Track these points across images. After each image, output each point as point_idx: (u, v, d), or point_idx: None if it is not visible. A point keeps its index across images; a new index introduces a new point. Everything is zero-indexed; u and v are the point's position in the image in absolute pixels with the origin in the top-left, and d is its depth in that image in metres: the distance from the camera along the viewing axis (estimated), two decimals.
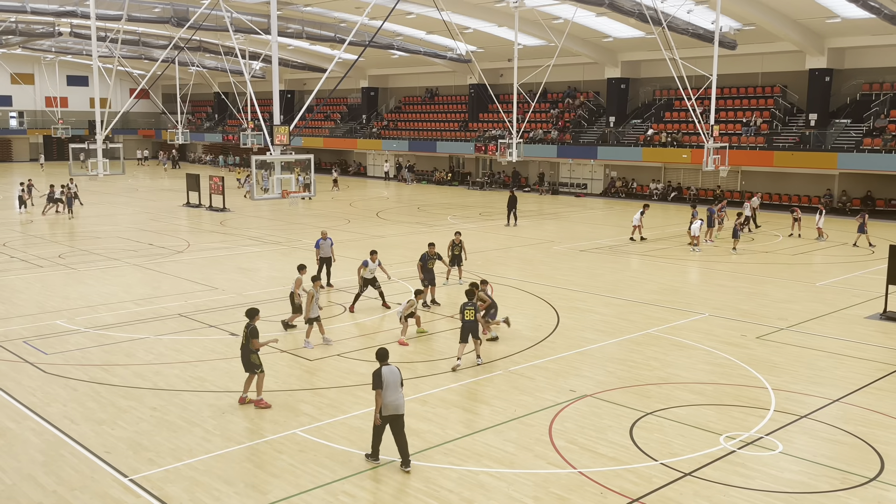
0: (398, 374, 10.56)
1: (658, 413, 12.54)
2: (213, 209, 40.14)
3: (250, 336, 12.50)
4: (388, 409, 10.33)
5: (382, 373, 10.39)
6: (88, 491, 9.81)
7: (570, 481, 10.17)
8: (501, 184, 55.56)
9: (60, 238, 30.55)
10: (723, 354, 15.78)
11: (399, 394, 10.44)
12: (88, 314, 18.63)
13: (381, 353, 10.76)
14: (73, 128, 70.60)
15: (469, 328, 14.57)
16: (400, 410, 10.39)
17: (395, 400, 10.37)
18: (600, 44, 48.56)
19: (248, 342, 12.53)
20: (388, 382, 10.35)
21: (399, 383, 10.48)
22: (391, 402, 10.34)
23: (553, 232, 33.58)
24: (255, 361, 12.61)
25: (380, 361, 10.65)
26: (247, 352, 12.57)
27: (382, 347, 10.87)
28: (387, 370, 10.46)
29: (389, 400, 10.32)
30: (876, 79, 42.45)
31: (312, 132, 67.80)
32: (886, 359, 15.66)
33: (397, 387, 10.44)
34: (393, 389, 10.37)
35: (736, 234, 28.53)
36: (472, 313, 14.57)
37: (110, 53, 51.98)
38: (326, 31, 48.15)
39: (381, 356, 10.72)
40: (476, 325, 14.70)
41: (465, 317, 14.59)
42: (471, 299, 14.96)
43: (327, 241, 21.40)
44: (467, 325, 14.56)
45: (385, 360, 10.65)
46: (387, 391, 10.31)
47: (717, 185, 45.97)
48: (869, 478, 10.36)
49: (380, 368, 10.47)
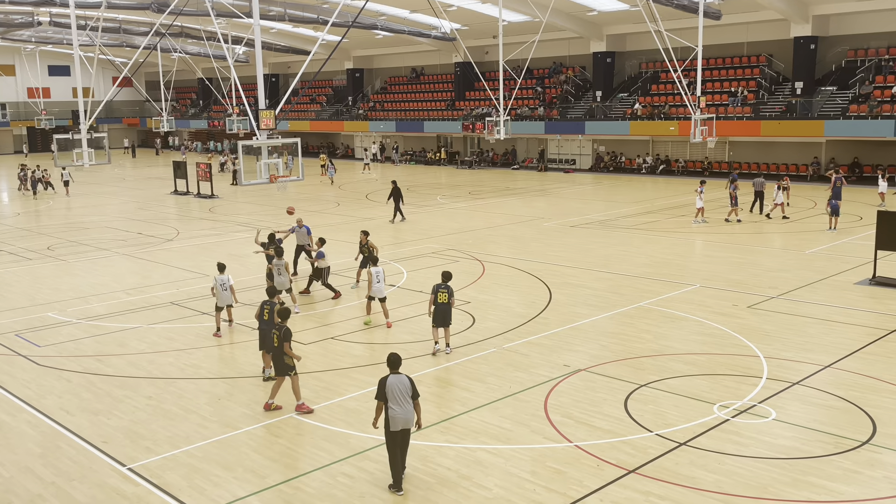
0: (407, 385, 9.34)
1: (652, 385, 12.63)
2: (201, 196, 39.97)
3: (283, 339, 11.65)
4: (396, 424, 9.25)
5: (388, 383, 9.30)
6: (87, 481, 9.83)
7: (567, 455, 10.25)
8: (490, 162, 55.52)
9: (49, 230, 30.37)
10: (715, 325, 15.88)
11: (407, 406, 9.29)
12: (80, 305, 18.57)
13: (391, 360, 9.53)
14: (57, 118, 70.01)
15: (442, 311, 14.11)
16: (409, 424, 9.37)
17: (403, 414, 9.26)
18: (585, 18, 48.34)
19: (280, 344, 11.72)
20: (392, 394, 9.25)
21: (407, 395, 9.30)
22: (399, 417, 9.24)
23: (543, 208, 33.59)
24: (289, 363, 11.77)
25: (390, 369, 9.50)
26: (279, 353, 11.74)
27: (394, 353, 9.62)
28: (393, 380, 9.33)
29: (397, 413, 9.24)
30: (861, 45, 42.45)
31: (298, 116, 67.41)
32: (876, 323, 15.79)
33: (405, 398, 9.28)
34: (399, 401, 9.25)
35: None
36: (444, 296, 14.07)
37: (91, 42, 51.40)
38: (309, 12, 47.76)
39: (391, 363, 9.52)
40: (449, 308, 14.17)
41: (437, 299, 14.10)
42: (445, 281, 14.29)
43: (303, 228, 20.47)
44: (440, 308, 14.09)
45: (395, 369, 9.48)
46: (392, 403, 9.24)
47: (704, 156, 46.06)
48: (861, 441, 10.48)
49: (386, 377, 9.38)
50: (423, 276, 20.61)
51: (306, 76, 57.18)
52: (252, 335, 15.89)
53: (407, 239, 26.38)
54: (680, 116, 44.71)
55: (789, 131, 41.26)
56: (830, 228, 26.07)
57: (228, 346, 15.30)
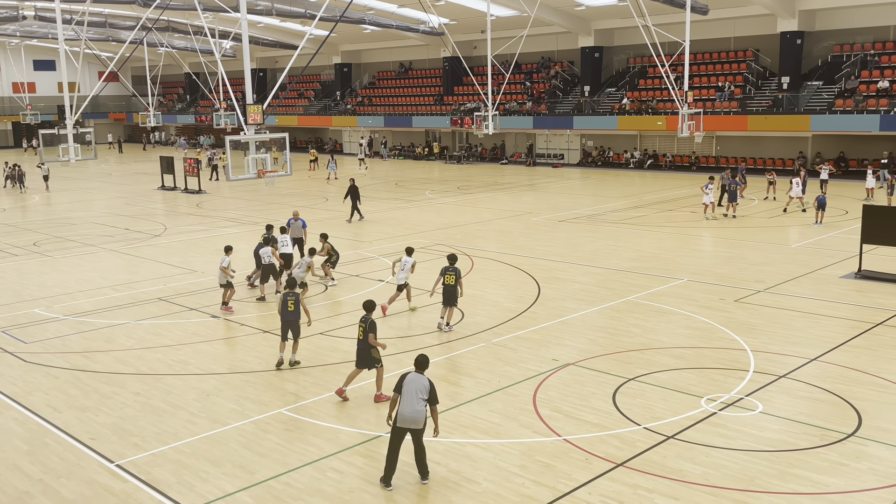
0: (426, 387, 9.41)
1: (640, 378, 12.69)
2: (188, 191, 39.79)
3: (369, 330, 11.78)
4: (404, 421, 9.35)
5: (406, 379, 9.47)
6: (75, 478, 9.80)
7: (556, 449, 10.29)
8: (479, 157, 55.51)
9: (34, 226, 30.17)
10: (702, 318, 15.96)
11: (418, 406, 9.30)
12: (66, 301, 18.47)
13: (418, 361, 9.76)
14: (43, 113, 69.48)
15: (448, 292, 15.18)
16: (417, 425, 9.34)
17: (412, 413, 9.30)
18: (573, 13, 48.37)
19: (365, 336, 11.81)
20: (406, 389, 9.36)
21: (419, 395, 9.33)
22: (407, 414, 9.31)
23: (531, 203, 33.64)
24: (376, 356, 11.90)
25: (415, 367, 9.73)
26: (366, 346, 11.83)
27: (422, 354, 9.86)
28: (412, 377, 9.48)
29: (404, 410, 9.33)
30: (846, 40, 42.68)
31: (286, 111, 67.18)
32: (861, 317, 15.92)
33: (416, 397, 9.31)
34: (410, 400, 9.31)
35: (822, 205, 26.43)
36: (452, 278, 15.16)
37: (77, 36, 51.05)
38: (297, 6, 47.53)
39: (417, 363, 9.75)
40: (455, 290, 15.21)
41: (445, 280, 15.18)
42: (452, 264, 15.45)
43: (298, 221, 21.09)
44: (447, 289, 15.17)
45: (419, 369, 9.67)
46: (403, 399, 9.37)
47: (691, 151, 46.22)
48: (847, 434, 10.57)
49: (408, 373, 9.60)
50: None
51: (294, 71, 56.92)
52: (239, 331, 15.88)
53: (395, 234, 26.36)
54: (667, 111, 44.83)
55: (776, 126, 41.46)
56: (816, 223, 26.23)
57: (217, 342, 15.26)
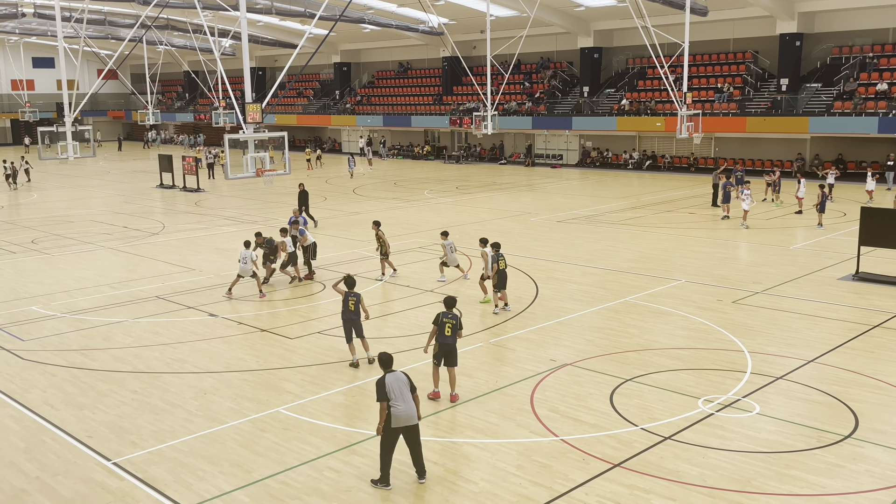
0: (405, 380, 9.40)
1: (637, 379, 12.69)
2: (187, 190, 39.77)
3: (459, 327, 11.75)
4: (399, 421, 9.22)
5: (386, 382, 9.28)
6: (72, 476, 9.79)
7: (553, 449, 10.30)
8: (477, 157, 55.52)
9: (32, 223, 30.14)
10: (699, 319, 15.97)
11: (409, 402, 9.29)
12: (64, 299, 18.45)
13: (384, 360, 9.62)
14: (41, 111, 69.42)
15: (503, 276, 16.40)
16: (413, 421, 9.30)
17: (405, 410, 9.24)
18: (573, 13, 48.39)
19: (454, 333, 11.71)
20: (393, 392, 9.25)
21: (407, 389, 9.34)
22: (402, 413, 9.22)
23: (530, 203, 33.65)
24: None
25: (383, 369, 9.55)
26: (454, 342, 11.78)
27: (384, 353, 9.71)
28: (391, 378, 9.35)
29: (399, 411, 9.22)
30: (845, 42, 42.72)
31: (285, 109, 67.17)
32: (859, 319, 15.93)
33: (405, 394, 9.30)
34: (401, 398, 9.25)
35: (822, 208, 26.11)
36: (504, 262, 16.39)
37: (76, 34, 50.99)
38: (296, 5, 47.51)
39: (384, 362, 9.59)
40: (506, 274, 16.46)
41: (499, 265, 16.29)
42: (498, 250, 16.50)
43: (300, 218, 21.41)
44: (501, 274, 16.36)
45: (389, 368, 9.55)
46: (395, 401, 9.23)
47: (690, 152, 46.25)
48: (844, 435, 10.58)
49: (383, 377, 9.36)
50: (411, 270, 20.63)
51: (293, 70, 56.93)
52: (237, 330, 15.87)
53: (393, 234, 26.34)
54: (666, 112, 44.85)
55: (774, 128, 41.48)
56: (818, 225, 26.23)
57: (215, 340, 15.25)
